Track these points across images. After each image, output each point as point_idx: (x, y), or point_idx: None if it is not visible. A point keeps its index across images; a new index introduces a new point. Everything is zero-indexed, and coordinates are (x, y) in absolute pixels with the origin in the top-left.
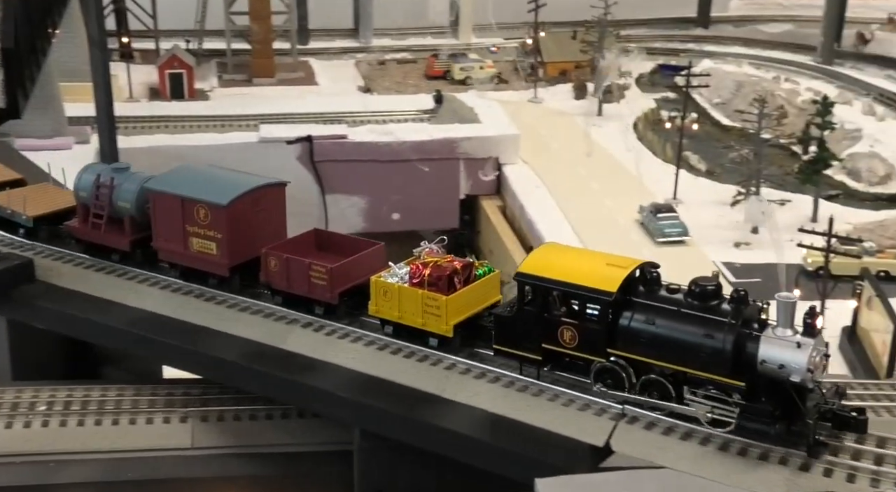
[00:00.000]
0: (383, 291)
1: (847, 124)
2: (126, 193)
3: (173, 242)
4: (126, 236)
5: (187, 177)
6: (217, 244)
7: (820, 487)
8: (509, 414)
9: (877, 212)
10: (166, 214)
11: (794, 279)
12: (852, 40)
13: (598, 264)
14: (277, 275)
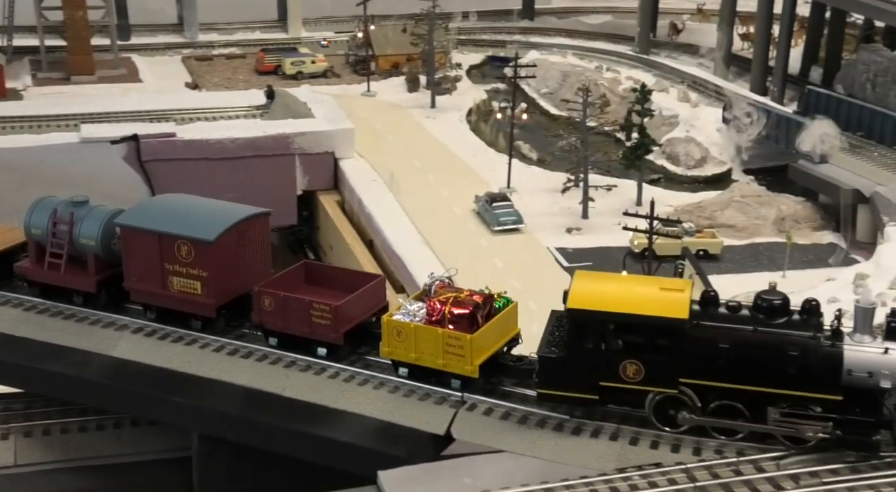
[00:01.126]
0: (396, 332)
1: (665, 111)
2: (89, 228)
3: (149, 283)
4: (90, 276)
5: (163, 209)
6: (202, 283)
7: (648, 459)
8: (349, 408)
9: (694, 194)
10: (141, 251)
11: (622, 261)
12: (666, 30)
13: (651, 290)
14: (273, 315)
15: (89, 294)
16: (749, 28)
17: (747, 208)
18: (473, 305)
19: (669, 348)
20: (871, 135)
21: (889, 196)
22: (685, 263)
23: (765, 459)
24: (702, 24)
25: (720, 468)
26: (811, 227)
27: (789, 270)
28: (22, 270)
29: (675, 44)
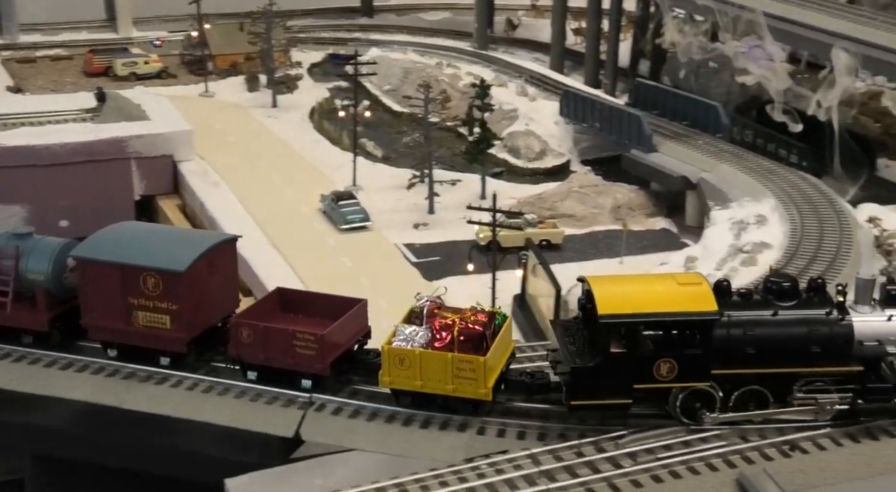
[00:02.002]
0: (399, 360)
1: (504, 105)
2: (38, 262)
3: (111, 318)
4: (41, 314)
5: (123, 239)
6: (171, 317)
7: (495, 447)
8: (193, 417)
9: (536, 186)
10: (101, 285)
11: (468, 254)
12: (503, 26)
13: (670, 286)
14: (252, 347)
15: (41, 333)
16: (581, 23)
17: (586, 198)
18: (483, 326)
19: (702, 342)
20: (695, 124)
21: (714, 182)
22: (529, 253)
23: (605, 439)
24: (536, 19)
25: (563, 452)
26: (645, 214)
27: (626, 256)
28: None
29: (511, 39)
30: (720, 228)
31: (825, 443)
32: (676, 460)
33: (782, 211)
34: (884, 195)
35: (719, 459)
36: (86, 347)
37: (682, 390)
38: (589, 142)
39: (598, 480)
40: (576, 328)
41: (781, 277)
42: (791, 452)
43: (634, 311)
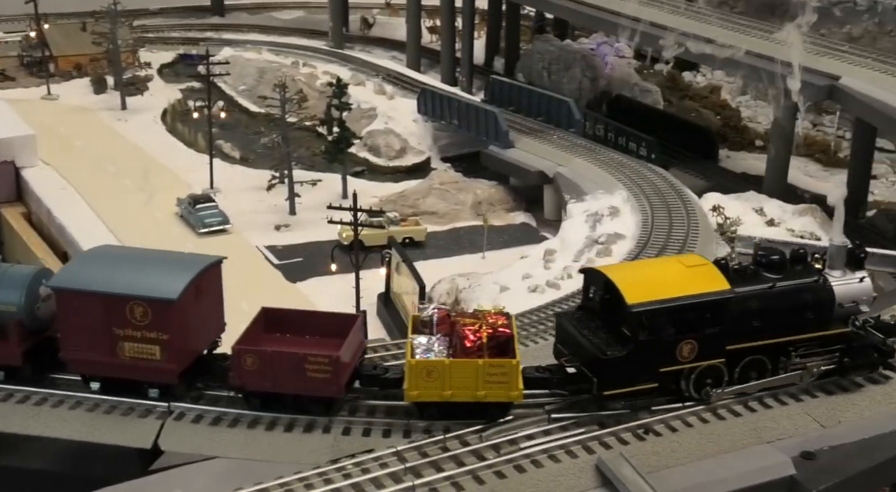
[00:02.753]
0: (426, 372)
1: (363, 104)
2: (9, 292)
3: (93, 351)
4: (14, 347)
5: (103, 266)
6: (161, 347)
7: (360, 446)
8: (43, 433)
9: (397, 184)
10: (82, 316)
11: (330, 254)
12: (359, 25)
13: (680, 269)
14: (256, 374)
15: (12, 368)
16: (435, 21)
17: (447, 195)
18: (508, 328)
19: (719, 320)
20: (549, 119)
21: (569, 176)
22: (392, 252)
23: (469, 433)
24: (392, 18)
25: (429, 447)
26: (505, 208)
27: (488, 251)
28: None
29: (367, 38)
30: (576, 220)
31: (677, 425)
32: (538, 449)
33: (634, 202)
34: (726, 185)
35: (579, 445)
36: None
37: (693, 370)
38: (448, 139)
39: (464, 473)
40: (584, 319)
41: (769, 250)
42: (645, 435)
43: (660, 297)
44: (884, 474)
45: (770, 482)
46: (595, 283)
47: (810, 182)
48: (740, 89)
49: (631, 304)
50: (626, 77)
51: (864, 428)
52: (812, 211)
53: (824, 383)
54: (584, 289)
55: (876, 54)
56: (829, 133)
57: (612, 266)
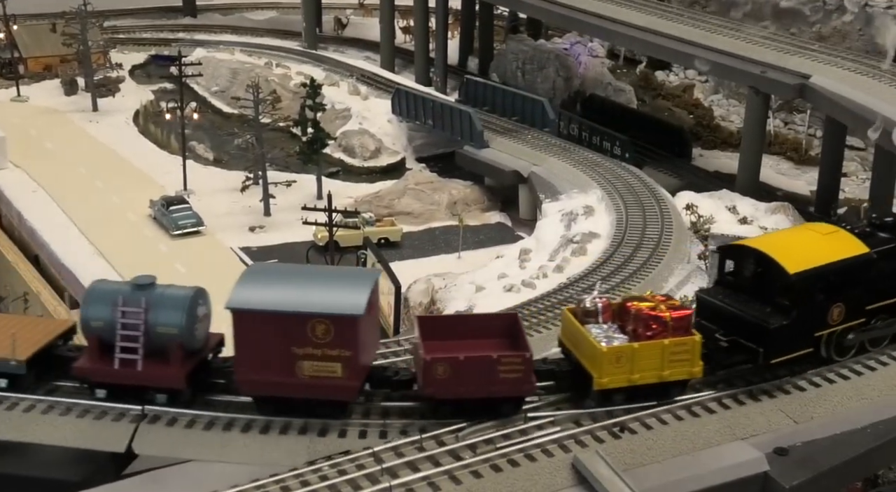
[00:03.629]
0: (616, 358)
1: (337, 104)
2: (171, 314)
3: (270, 372)
4: (178, 369)
5: (276, 285)
6: (343, 364)
7: (337, 448)
8: (16, 438)
9: (372, 184)
10: (260, 337)
11: (305, 255)
12: (332, 25)
13: (816, 237)
14: (448, 382)
15: (175, 391)
16: (409, 21)
17: (422, 195)
18: (685, 307)
19: (862, 282)
20: (524, 119)
21: (544, 175)
22: (367, 252)
23: (445, 433)
24: (365, 18)
25: (405, 448)
26: (480, 208)
27: (463, 251)
28: (84, 372)
29: (341, 38)
30: (551, 219)
31: (652, 423)
32: (514, 449)
33: (608, 201)
34: (699, 183)
35: (555, 444)
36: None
37: (846, 331)
38: (423, 139)
39: (440, 473)
40: (728, 294)
41: (883, 216)
42: (621, 433)
43: (815, 264)
44: (855, 469)
45: (744, 478)
46: (738, 257)
47: (782, 180)
48: (712, 88)
49: (792, 273)
50: (600, 76)
51: (835, 424)
52: (784, 209)
53: (796, 380)
54: (721, 265)
55: (845, 53)
56: (800, 131)
57: (755, 240)
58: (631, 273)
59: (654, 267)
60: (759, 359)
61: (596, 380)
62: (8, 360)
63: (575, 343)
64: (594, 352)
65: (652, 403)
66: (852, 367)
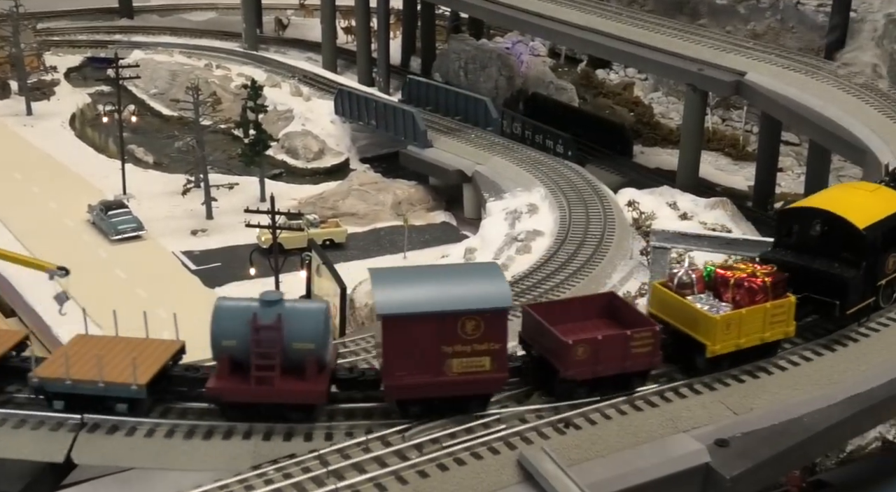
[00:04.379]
0: (727, 325)
1: (279, 106)
2: (309, 330)
3: (419, 374)
4: (318, 385)
5: (415, 286)
6: (492, 357)
7: (282, 451)
8: None
9: (316, 185)
10: (410, 340)
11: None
12: (273, 26)
13: (866, 195)
14: (586, 363)
15: (311, 407)
16: (350, 22)
17: (367, 196)
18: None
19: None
20: (467, 118)
21: (488, 174)
22: (312, 254)
23: (392, 433)
24: (306, 18)
25: (351, 449)
26: (425, 208)
27: (409, 251)
28: (216, 392)
29: (282, 39)
30: (496, 218)
31: (596, 418)
32: (461, 447)
33: (552, 199)
34: (640, 180)
35: (501, 442)
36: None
37: (889, 280)
38: (367, 139)
39: (387, 474)
40: (793, 255)
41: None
42: (566, 429)
43: (879, 219)
44: (794, 458)
45: (687, 470)
46: (802, 218)
47: (721, 176)
48: (652, 86)
49: (862, 228)
50: (542, 75)
51: (774, 414)
52: (723, 204)
53: (737, 373)
54: (780, 228)
55: (779, 50)
56: (737, 128)
57: (814, 201)
58: (575, 270)
59: (597, 263)
60: (835, 311)
61: (709, 348)
62: (129, 384)
63: (674, 315)
64: (706, 321)
65: (599, 397)
66: (789, 358)
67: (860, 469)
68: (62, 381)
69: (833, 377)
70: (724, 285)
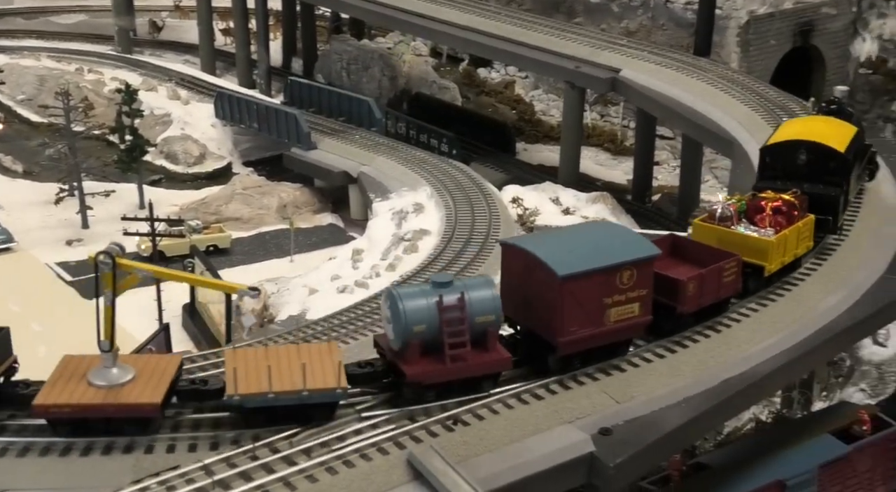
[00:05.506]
0: (778, 245)
1: (156, 110)
2: (488, 303)
3: (585, 327)
4: (503, 353)
5: (570, 246)
6: (640, 302)
7: (165, 464)
8: None
9: (198, 191)
10: (583, 296)
11: None
12: (147, 28)
13: (829, 123)
14: (694, 297)
15: (498, 375)
16: (228, 23)
17: (250, 200)
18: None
19: (861, 151)
20: (351, 119)
21: (373, 175)
22: (195, 260)
23: (279, 440)
24: (182, 20)
25: (238, 458)
26: (311, 210)
27: (296, 254)
28: (417, 377)
29: (157, 41)
30: (382, 218)
31: (484, 413)
32: (350, 450)
33: (437, 198)
34: (524, 176)
35: (390, 442)
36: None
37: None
38: (249, 142)
39: (274, 481)
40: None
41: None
42: (454, 426)
43: (848, 143)
44: (674, 442)
45: (572, 460)
46: (786, 151)
47: (601, 170)
48: (532, 84)
49: (843, 151)
50: (425, 75)
51: (654, 401)
52: (604, 198)
53: (618, 362)
54: (764, 162)
55: (651, 48)
56: (615, 123)
57: (788, 133)
58: (462, 267)
59: (484, 260)
60: (829, 225)
61: (767, 268)
62: (334, 389)
63: (722, 246)
64: (763, 245)
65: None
66: (667, 346)
67: (736, 450)
68: None
69: (708, 362)
70: (758, 212)
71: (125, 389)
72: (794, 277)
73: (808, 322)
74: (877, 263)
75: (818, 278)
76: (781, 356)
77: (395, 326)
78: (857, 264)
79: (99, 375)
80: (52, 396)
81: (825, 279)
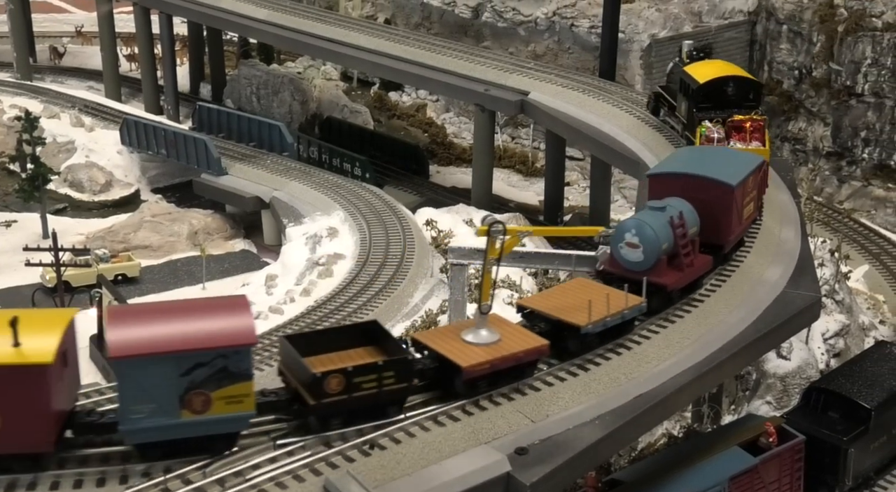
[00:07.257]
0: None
1: (59, 137)
2: (692, 218)
3: (732, 231)
4: (705, 257)
5: (705, 160)
6: (753, 202)
7: None
8: None
9: (105, 219)
10: (741, 201)
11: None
12: (48, 54)
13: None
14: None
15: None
16: (133, 49)
17: (160, 227)
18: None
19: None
20: (262, 144)
21: (286, 200)
22: (102, 290)
23: (191, 471)
24: (84, 46)
25: (149, 491)
26: (223, 237)
27: (208, 282)
28: (663, 285)
29: (59, 68)
30: (296, 243)
31: (400, 436)
32: (265, 478)
33: (351, 222)
34: (438, 199)
35: (306, 469)
36: None
37: None
38: (158, 169)
39: None
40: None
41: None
42: (371, 450)
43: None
44: (588, 459)
45: (489, 481)
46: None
47: (513, 192)
48: (444, 107)
49: (755, 79)
50: (336, 99)
51: (568, 419)
52: (516, 219)
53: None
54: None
55: (558, 70)
56: (526, 145)
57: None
58: (377, 291)
59: (399, 283)
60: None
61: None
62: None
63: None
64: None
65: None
66: (580, 364)
67: (649, 465)
68: None
69: (619, 379)
70: (740, 131)
71: None
72: (698, 294)
73: (715, 337)
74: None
75: (721, 295)
76: (691, 371)
77: (648, 247)
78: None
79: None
80: None
81: (727, 296)
